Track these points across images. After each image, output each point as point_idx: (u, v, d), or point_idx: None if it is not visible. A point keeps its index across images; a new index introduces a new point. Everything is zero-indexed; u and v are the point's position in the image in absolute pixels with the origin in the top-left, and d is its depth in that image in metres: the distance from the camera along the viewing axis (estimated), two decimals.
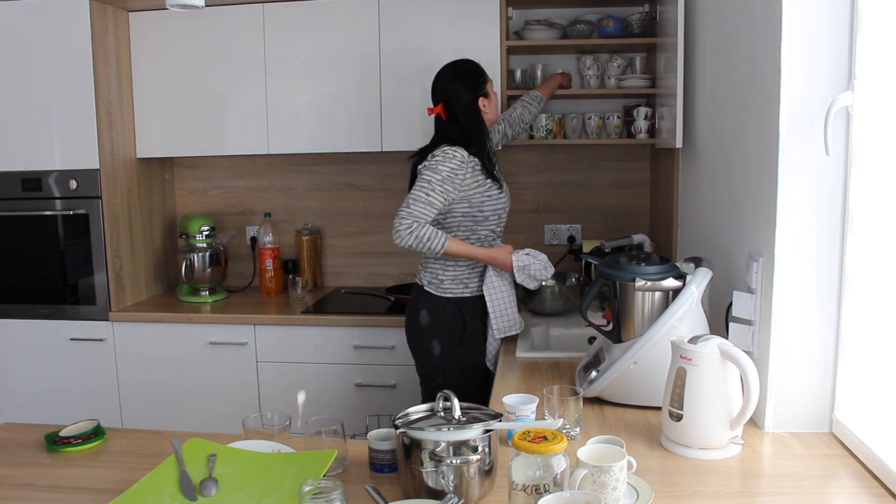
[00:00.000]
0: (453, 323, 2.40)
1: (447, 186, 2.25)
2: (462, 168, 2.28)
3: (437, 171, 2.25)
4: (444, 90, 2.39)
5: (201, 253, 3.25)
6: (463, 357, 2.41)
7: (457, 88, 2.37)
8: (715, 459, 1.49)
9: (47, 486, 1.46)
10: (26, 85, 2.98)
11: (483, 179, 2.34)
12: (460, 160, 2.27)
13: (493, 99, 2.45)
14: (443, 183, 2.24)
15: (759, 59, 1.66)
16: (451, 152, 2.28)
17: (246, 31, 3.07)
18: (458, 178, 2.27)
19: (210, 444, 1.49)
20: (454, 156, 2.27)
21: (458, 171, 2.27)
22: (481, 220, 2.36)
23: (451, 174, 2.26)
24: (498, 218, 2.41)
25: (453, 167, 2.26)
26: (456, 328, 2.40)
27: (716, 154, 2.10)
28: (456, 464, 1.28)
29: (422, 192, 2.23)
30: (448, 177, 2.25)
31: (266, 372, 3.01)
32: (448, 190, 2.25)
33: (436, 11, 2.96)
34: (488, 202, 2.35)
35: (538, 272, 2.37)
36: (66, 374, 3.10)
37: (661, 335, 1.67)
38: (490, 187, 2.35)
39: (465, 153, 2.30)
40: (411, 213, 2.20)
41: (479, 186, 2.33)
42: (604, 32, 2.94)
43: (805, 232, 1.55)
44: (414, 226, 2.19)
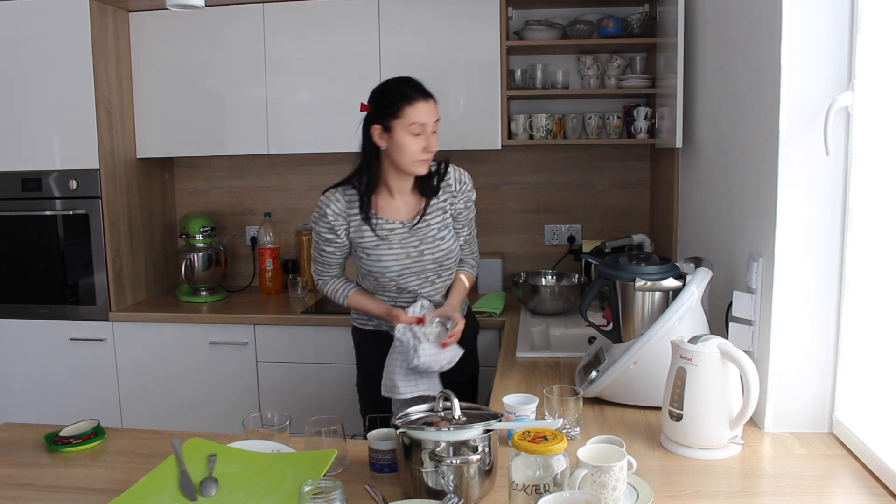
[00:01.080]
0: (357, 351, 2.31)
1: (333, 244, 2.09)
2: (338, 222, 2.06)
3: (317, 232, 2.11)
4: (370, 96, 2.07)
5: (201, 253, 3.25)
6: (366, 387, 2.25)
7: (370, 100, 2.05)
8: (715, 459, 1.49)
9: (47, 486, 1.46)
10: (26, 85, 2.98)
11: (365, 233, 2.05)
12: (332, 216, 2.05)
13: (401, 140, 1.96)
14: (326, 244, 2.10)
15: (759, 59, 1.66)
16: (322, 206, 2.07)
17: (246, 31, 3.06)
18: (336, 232, 2.07)
19: (210, 444, 1.49)
20: (324, 213, 2.06)
21: (336, 227, 2.06)
22: (363, 275, 2.16)
23: (329, 233, 2.07)
24: (375, 280, 2.10)
25: (326, 227, 2.07)
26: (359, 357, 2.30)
27: (716, 154, 2.10)
28: (456, 464, 1.28)
29: (315, 252, 2.16)
30: (326, 238, 2.09)
31: (266, 372, 3.00)
32: (337, 245, 2.09)
33: (436, 11, 2.96)
34: (365, 260, 2.08)
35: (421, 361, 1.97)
36: (66, 374, 3.10)
37: (661, 335, 1.67)
38: (371, 243, 2.05)
39: (340, 204, 2.04)
40: (316, 272, 2.20)
41: (359, 239, 2.07)
42: (604, 32, 2.94)
43: (805, 232, 1.55)
44: (319, 282, 2.22)
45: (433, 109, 1.99)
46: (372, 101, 2.03)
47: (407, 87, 1.99)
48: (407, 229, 2.08)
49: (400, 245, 2.06)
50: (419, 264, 2.08)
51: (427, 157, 2.01)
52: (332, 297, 2.21)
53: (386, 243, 2.06)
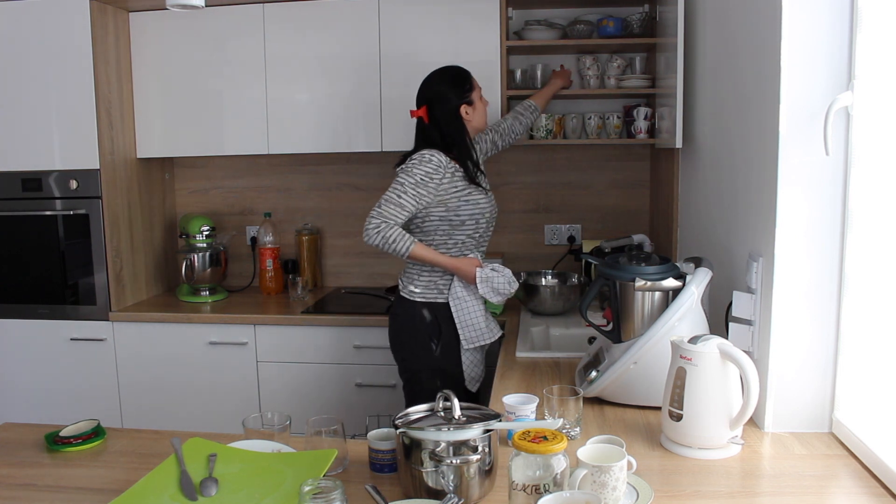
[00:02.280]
0: (427, 328, 2.38)
1: (420, 190, 2.25)
2: (438, 172, 2.27)
3: (412, 174, 2.25)
4: (429, 93, 2.38)
5: (201, 253, 3.25)
6: (439, 362, 2.38)
7: (441, 92, 2.36)
8: (715, 459, 1.49)
9: (47, 486, 1.46)
10: (26, 85, 2.99)
11: (463, 185, 2.33)
12: (436, 164, 2.27)
13: (480, 108, 2.42)
14: (416, 186, 2.24)
15: (759, 59, 1.66)
16: (427, 156, 2.28)
17: (246, 31, 3.07)
18: (434, 181, 2.26)
19: (210, 444, 1.49)
20: (430, 160, 2.27)
21: (434, 175, 2.26)
22: (458, 225, 2.34)
23: (426, 177, 2.25)
24: (475, 223, 2.36)
25: (428, 171, 2.26)
26: (430, 333, 2.38)
27: (716, 154, 2.10)
28: (456, 464, 1.28)
29: (393, 194, 2.24)
30: (422, 180, 2.25)
31: (266, 372, 3.01)
32: (421, 194, 2.25)
33: (436, 11, 2.96)
34: (465, 207, 2.33)
35: (501, 286, 2.32)
36: (66, 374, 3.10)
37: (661, 335, 1.67)
38: (470, 192, 2.33)
39: (442, 157, 2.29)
40: (381, 214, 2.23)
41: (457, 191, 2.32)
42: (604, 32, 2.94)
43: (805, 232, 1.55)
44: (382, 226, 2.22)
45: None
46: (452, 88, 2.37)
47: (460, 68, 2.44)
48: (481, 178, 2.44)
49: (489, 201, 2.41)
50: (495, 208, 2.47)
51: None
52: (392, 242, 2.22)
53: (478, 191, 2.36)
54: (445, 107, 2.35)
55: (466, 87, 2.38)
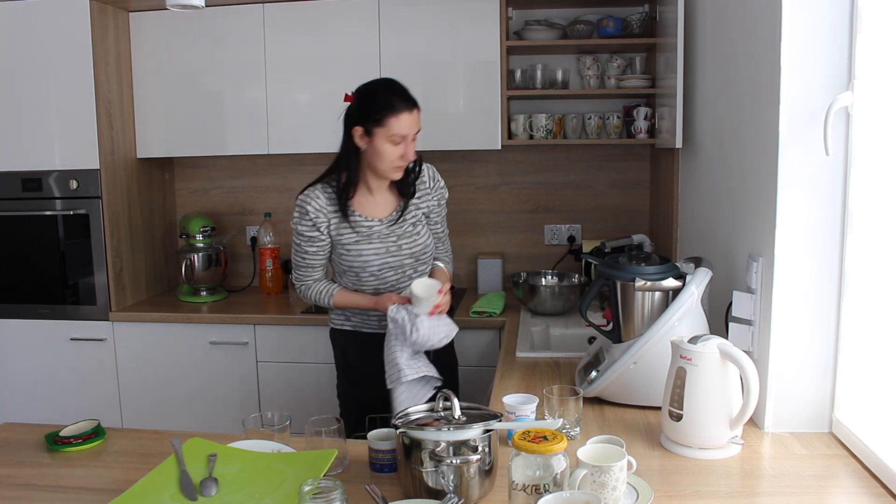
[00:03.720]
0: (338, 354, 2.28)
1: (315, 245, 2.10)
2: (318, 224, 2.07)
3: (298, 232, 2.10)
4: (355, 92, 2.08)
5: (201, 253, 3.25)
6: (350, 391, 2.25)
7: (355, 99, 2.04)
8: (715, 459, 1.49)
9: (47, 486, 1.46)
10: (26, 85, 2.98)
11: (348, 231, 2.08)
12: (313, 214, 2.06)
13: (381, 148, 1.99)
14: (309, 243, 2.10)
15: (759, 59, 1.66)
16: (303, 204, 2.07)
17: (246, 31, 3.07)
18: (319, 229, 2.07)
19: (210, 444, 1.50)
20: (306, 212, 2.06)
21: (318, 227, 2.07)
22: (341, 272, 2.16)
23: (311, 232, 2.08)
24: (356, 276, 2.12)
25: (307, 226, 2.07)
26: (340, 359, 2.28)
27: (716, 154, 2.10)
28: (456, 464, 1.28)
29: (297, 257, 2.14)
30: (309, 237, 2.09)
31: (266, 372, 3.01)
32: (320, 246, 2.10)
33: (436, 11, 2.96)
34: (345, 256, 2.10)
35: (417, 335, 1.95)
36: (66, 374, 3.10)
37: (661, 335, 1.67)
38: (351, 240, 2.08)
39: (321, 200, 2.06)
40: (296, 278, 2.17)
41: (338, 237, 2.09)
42: (604, 32, 2.94)
43: (805, 232, 1.55)
44: (302, 289, 2.17)
45: (416, 120, 2.01)
46: (357, 100, 2.03)
47: (393, 96, 1.99)
48: (385, 226, 2.12)
49: (379, 240, 2.10)
50: (397, 258, 2.12)
51: (403, 164, 2.04)
52: (316, 300, 2.15)
53: (366, 239, 2.09)
54: (347, 116, 2.05)
55: (376, 115, 1.97)
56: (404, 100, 1.99)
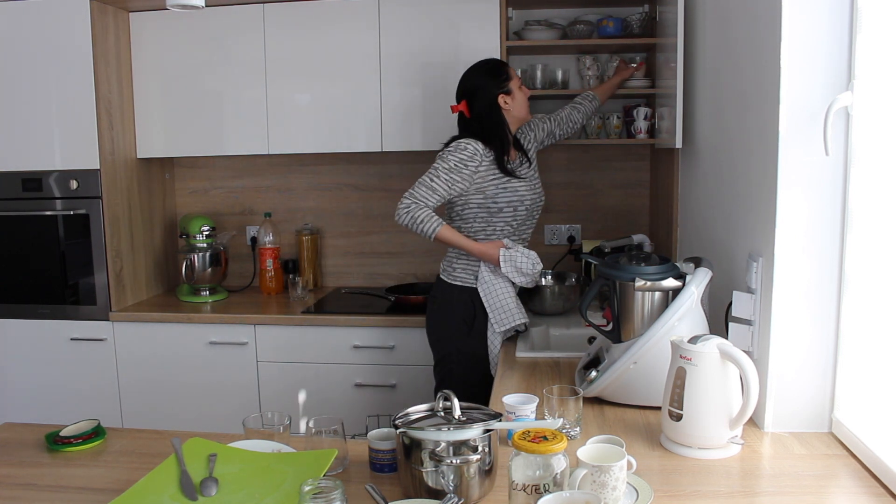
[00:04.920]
0: (463, 312, 2.44)
1: (454, 176, 2.32)
2: (472, 160, 2.33)
3: (446, 160, 2.33)
4: (467, 86, 2.46)
5: (201, 253, 3.25)
6: (472, 346, 2.43)
7: (477, 85, 2.42)
8: (715, 459, 1.49)
9: (47, 486, 1.46)
10: (26, 85, 2.99)
11: (501, 173, 2.38)
12: (471, 152, 2.33)
13: (519, 97, 2.45)
14: (449, 172, 2.32)
15: (759, 59, 1.66)
16: (463, 144, 2.35)
17: (246, 31, 3.07)
18: (469, 169, 2.33)
19: (210, 443, 1.50)
20: (465, 147, 2.33)
21: (469, 163, 2.33)
22: (496, 212, 2.40)
23: (460, 164, 2.32)
24: (514, 211, 2.41)
25: (462, 158, 2.33)
26: (466, 317, 2.44)
27: (716, 154, 2.10)
28: (456, 464, 1.29)
29: (427, 178, 2.33)
30: (455, 166, 2.32)
31: (266, 372, 3.01)
32: (454, 180, 2.32)
33: (436, 11, 2.96)
34: (503, 194, 2.39)
35: (524, 265, 2.36)
36: (66, 374, 3.10)
37: (661, 335, 1.67)
38: (509, 180, 2.39)
39: (478, 146, 2.35)
40: (412, 195, 2.32)
41: (494, 178, 2.37)
42: (604, 33, 2.94)
43: (805, 232, 1.55)
44: (412, 206, 2.31)
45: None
46: (488, 80, 2.41)
47: (495, 60, 2.50)
48: (523, 167, 2.48)
49: (526, 180, 2.44)
50: (540, 196, 2.51)
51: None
52: (422, 222, 2.29)
53: (516, 179, 2.41)
54: (483, 98, 2.41)
55: (503, 76, 2.42)
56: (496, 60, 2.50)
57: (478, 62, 2.48)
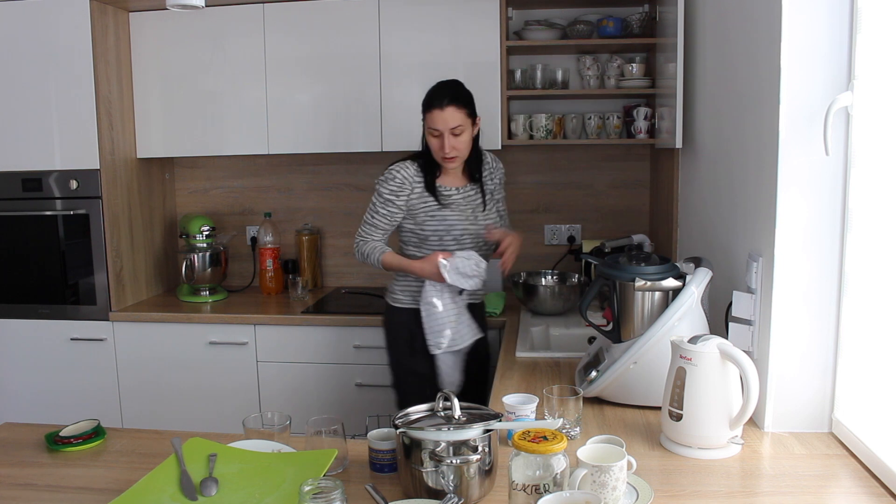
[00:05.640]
0: (406, 333, 2.42)
1: (389, 208, 2.34)
2: (402, 189, 2.32)
3: (380, 192, 2.35)
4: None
5: (201, 253, 3.25)
6: (414, 366, 2.41)
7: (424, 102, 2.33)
8: (715, 459, 1.49)
9: (47, 486, 1.46)
10: (26, 85, 2.98)
11: (424, 195, 2.34)
12: (400, 181, 2.32)
13: (428, 137, 2.30)
14: (385, 205, 2.34)
15: (759, 59, 1.66)
16: (393, 172, 2.33)
17: (246, 31, 3.07)
18: (401, 199, 2.33)
19: (210, 443, 1.50)
20: (394, 177, 2.32)
21: (400, 193, 2.32)
22: (424, 239, 2.37)
23: (391, 196, 2.33)
24: (440, 239, 2.35)
25: (392, 189, 2.32)
26: (406, 337, 2.42)
27: (716, 154, 2.10)
28: (456, 464, 1.29)
29: (368, 215, 2.39)
30: (388, 199, 2.33)
31: (266, 372, 3.01)
32: (392, 212, 2.34)
33: (436, 11, 2.96)
34: (430, 222, 2.35)
35: (467, 267, 2.25)
36: (66, 374, 3.10)
37: (661, 335, 1.67)
38: (437, 208, 2.33)
39: (408, 171, 2.33)
40: (359, 233, 2.41)
41: (423, 206, 2.34)
42: (604, 33, 2.94)
43: (805, 232, 1.55)
44: (359, 243, 2.40)
45: (451, 117, 2.24)
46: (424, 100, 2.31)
47: (434, 93, 2.28)
48: (462, 196, 2.39)
49: (459, 209, 2.37)
50: (476, 227, 2.39)
51: (447, 156, 2.29)
52: (368, 256, 2.36)
53: (448, 206, 2.35)
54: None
55: (423, 111, 2.30)
56: (439, 98, 2.25)
57: (445, 81, 2.33)
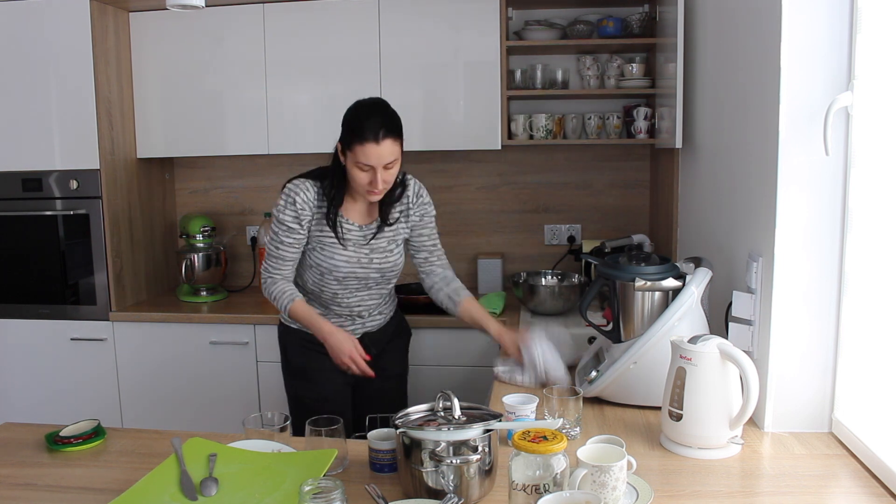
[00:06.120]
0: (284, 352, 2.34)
1: (294, 236, 2.07)
2: (304, 212, 2.05)
3: (281, 219, 2.06)
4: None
5: (201, 253, 3.25)
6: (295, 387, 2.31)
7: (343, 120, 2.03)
8: (715, 459, 1.49)
9: (47, 486, 1.46)
10: (26, 85, 2.98)
11: (322, 222, 2.08)
12: (301, 204, 2.04)
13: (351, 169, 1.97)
14: (289, 233, 2.06)
15: (759, 59, 1.66)
16: (293, 194, 2.05)
17: (246, 31, 3.06)
18: (303, 223, 2.06)
19: (210, 443, 1.50)
20: (294, 200, 2.04)
21: (301, 218, 2.05)
22: (306, 266, 2.13)
23: (294, 222, 2.05)
24: (321, 275, 2.11)
25: (293, 216, 2.05)
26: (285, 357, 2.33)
27: (716, 154, 2.10)
28: (456, 464, 1.29)
29: (271, 245, 2.10)
30: (290, 227, 2.06)
31: (266, 372, 3.00)
32: (297, 239, 2.07)
33: (436, 11, 2.96)
34: (314, 254, 2.09)
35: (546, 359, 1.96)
36: (66, 374, 3.10)
37: (661, 335, 1.67)
38: (331, 242, 2.07)
39: (309, 193, 2.05)
40: (265, 269, 2.12)
41: (318, 234, 2.08)
42: (604, 33, 2.94)
43: (805, 232, 1.55)
44: (267, 282, 2.12)
45: (388, 151, 1.94)
46: (344, 116, 2.01)
47: (365, 123, 1.93)
48: (362, 234, 2.10)
49: (354, 248, 2.09)
50: (365, 270, 2.11)
51: (374, 190, 1.99)
52: (275, 298, 2.10)
53: (342, 243, 2.08)
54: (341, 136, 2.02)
55: (346, 138, 1.97)
56: (373, 130, 1.92)
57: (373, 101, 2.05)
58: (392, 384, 2.32)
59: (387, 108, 2.02)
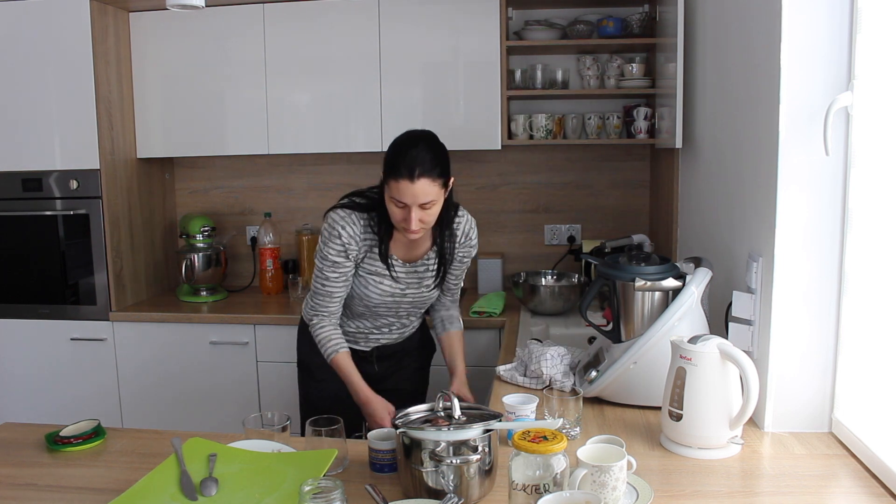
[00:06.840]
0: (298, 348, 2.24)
1: (340, 270, 1.95)
2: (351, 246, 1.93)
3: (325, 255, 1.94)
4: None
5: (201, 253, 3.25)
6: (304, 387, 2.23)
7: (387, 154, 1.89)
8: (715, 459, 1.49)
9: (47, 486, 1.46)
10: (26, 85, 2.98)
11: (371, 255, 1.97)
12: (347, 238, 1.92)
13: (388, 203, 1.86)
14: (334, 268, 1.94)
15: (759, 59, 1.66)
16: (338, 228, 1.92)
17: (246, 31, 3.07)
18: (350, 258, 1.95)
19: (210, 443, 1.50)
20: (340, 234, 1.92)
21: (349, 252, 1.93)
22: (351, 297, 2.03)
23: (340, 257, 1.94)
24: (353, 297, 2.03)
25: (338, 250, 1.93)
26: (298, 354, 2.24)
27: (716, 154, 2.10)
28: (456, 464, 1.29)
29: (317, 283, 1.98)
30: (335, 262, 1.94)
31: (266, 372, 3.01)
32: (343, 272, 1.95)
33: (436, 11, 2.96)
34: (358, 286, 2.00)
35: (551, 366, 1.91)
36: (66, 374, 3.10)
37: (661, 335, 1.67)
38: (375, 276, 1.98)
39: (356, 227, 1.93)
40: (312, 306, 2.01)
41: (365, 266, 1.98)
42: (604, 32, 2.94)
43: (805, 232, 1.55)
44: (314, 320, 2.01)
45: (423, 191, 1.80)
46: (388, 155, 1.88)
47: (400, 159, 1.81)
48: (405, 271, 2.01)
49: (392, 282, 2.01)
50: (397, 302, 2.04)
51: (408, 228, 1.85)
52: (320, 343, 1.99)
53: (393, 278, 2.00)
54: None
55: (385, 171, 1.86)
56: (409, 167, 1.78)
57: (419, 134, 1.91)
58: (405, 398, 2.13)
59: (431, 143, 1.88)
